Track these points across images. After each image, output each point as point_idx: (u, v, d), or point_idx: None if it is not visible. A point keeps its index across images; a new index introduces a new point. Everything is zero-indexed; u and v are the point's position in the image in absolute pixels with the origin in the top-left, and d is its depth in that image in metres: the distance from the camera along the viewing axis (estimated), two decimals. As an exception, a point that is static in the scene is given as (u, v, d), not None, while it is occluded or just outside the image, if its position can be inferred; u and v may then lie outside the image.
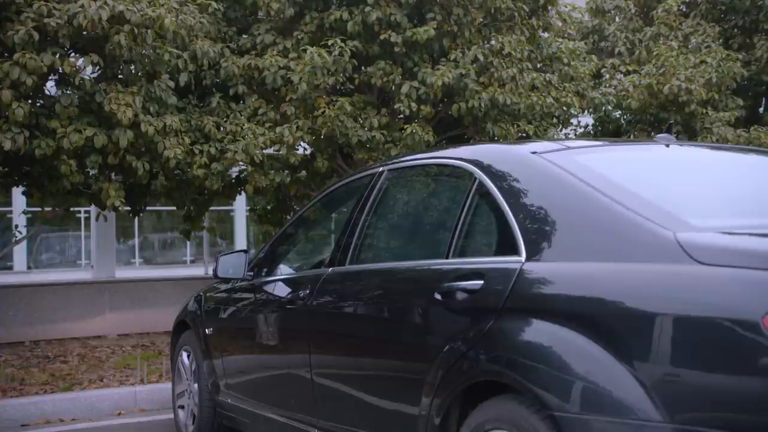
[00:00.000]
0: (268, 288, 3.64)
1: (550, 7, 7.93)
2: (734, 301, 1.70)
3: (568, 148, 2.59)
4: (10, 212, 10.41)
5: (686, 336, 1.76)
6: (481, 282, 2.30)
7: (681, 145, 2.87)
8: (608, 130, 9.14)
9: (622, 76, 8.91)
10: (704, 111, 8.31)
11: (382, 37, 6.47)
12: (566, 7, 8.67)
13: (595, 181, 2.23)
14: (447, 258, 2.54)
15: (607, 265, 2.01)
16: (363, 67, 6.82)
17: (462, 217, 2.56)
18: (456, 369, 2.29)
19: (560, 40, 7.94)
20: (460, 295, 2.37)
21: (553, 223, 2.25)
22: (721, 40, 9.23)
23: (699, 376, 1.73)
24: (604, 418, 1.85)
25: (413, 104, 6.46)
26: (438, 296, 2.44)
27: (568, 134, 8.82)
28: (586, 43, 9.09)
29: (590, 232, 2.13)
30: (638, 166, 2.54)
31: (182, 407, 4.36)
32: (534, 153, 2.50)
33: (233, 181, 7.07)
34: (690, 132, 8.46)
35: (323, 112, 6.31)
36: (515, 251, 2.27)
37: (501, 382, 2.14)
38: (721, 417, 1.69)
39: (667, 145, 2.68)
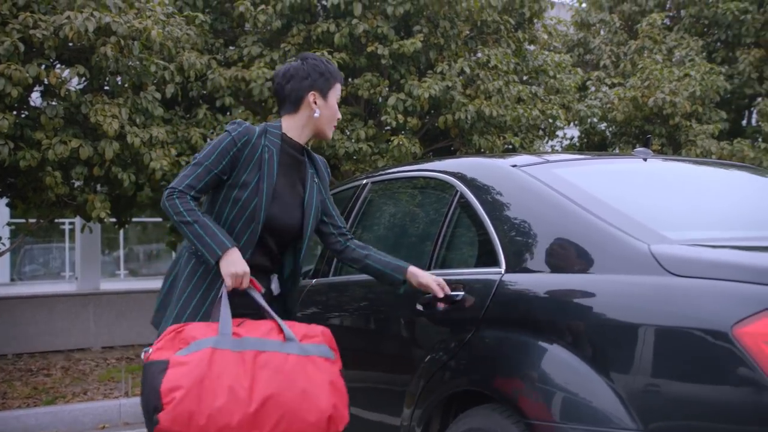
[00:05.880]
0: None
1: (535, 21, 8.01)
2: (706, 311, 1.73)
3: (548, 161, 2.62)
4: (-5, 223, 10.35)
5: (660, 346, 1.79)
6: (462, 293, 2.33)
7: (658, 159, 2.91)
8: (594, 143, 9.22)
9: (607, 88, 9.00)
10: (688, 124, 8.41)
11: (369, 49, 6.51)
12: (552, 20, 8.77)
13: (574, 194, 2.26)
14: (429, 269, 2.56)
15: (584, 277, 2.03)
16: (350, 79, 6.86)
17: (444, 229, 2.58)
18: (437, 379, 2.30)
19: (546, 52, 8.02)
20: (441, 306, 2.39)
21: (532, 235, 2.28)
22: (704, 54, 9.35)
23: (672, 385, 1.76)
24: (582, 427, 1.87)
25: (400, 116, 6.50)
26: (420, 307, 2.46)
27: (554, 146, 8.88)
28: (571, 56, 9.18)
29: (568, 245, 2.16)
30: (616, 180, 2.57)
31: None
32: (514, 166, 2.53)
33: (220, 192, 7.06)
34: (674, 144, 8.55)
35: (310, 124, 6.31)
36: (495, 262, 2.29)
37: (481, 391, 2.16)
38: (694, 425, 1.71)
39: (645, 159, 2.72)
